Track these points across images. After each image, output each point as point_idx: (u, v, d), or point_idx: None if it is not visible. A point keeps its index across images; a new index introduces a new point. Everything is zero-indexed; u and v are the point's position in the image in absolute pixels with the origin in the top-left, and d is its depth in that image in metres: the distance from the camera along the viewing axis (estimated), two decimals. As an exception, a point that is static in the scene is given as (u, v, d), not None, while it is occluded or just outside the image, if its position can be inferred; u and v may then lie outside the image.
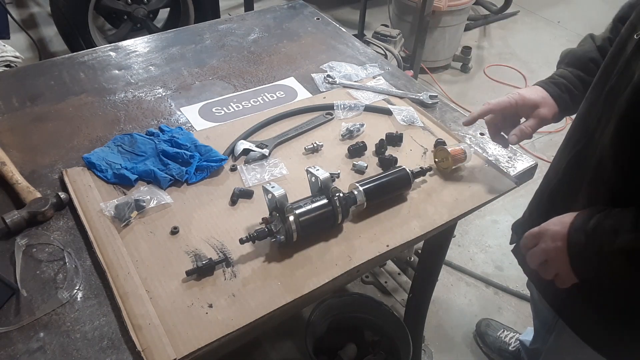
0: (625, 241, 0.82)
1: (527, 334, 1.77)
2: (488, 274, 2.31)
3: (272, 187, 0.99)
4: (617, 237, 0.83)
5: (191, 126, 1.35)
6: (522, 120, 1.13)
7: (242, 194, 1.14)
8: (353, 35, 1.85)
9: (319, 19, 1.89)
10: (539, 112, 1.09)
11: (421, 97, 1.47)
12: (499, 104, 1.11)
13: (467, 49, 3.63)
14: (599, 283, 0.99)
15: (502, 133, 1.18)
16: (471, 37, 4.10)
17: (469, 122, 1.20)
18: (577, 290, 0.98)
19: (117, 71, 1.54)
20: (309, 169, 1.06)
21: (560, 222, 0.93)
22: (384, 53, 2.49)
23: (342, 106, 1.42)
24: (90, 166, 1.18)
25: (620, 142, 0.87)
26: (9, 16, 2.72)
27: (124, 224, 1.05)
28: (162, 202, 1.11)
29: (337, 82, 1.52)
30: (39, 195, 1.09)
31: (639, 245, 0.81)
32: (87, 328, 0.88)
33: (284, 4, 2.00)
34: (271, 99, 1.47)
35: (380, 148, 1.28)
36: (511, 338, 1.96)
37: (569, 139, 1.07)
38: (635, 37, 0.87)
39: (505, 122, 1.15)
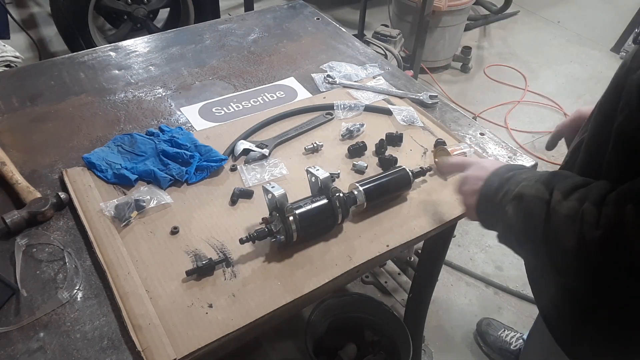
0: (518, 186, 0.85)
1: (528, 334, 1.77)
2: (488, 274, 2.31)
3: (272, 187, 0.99)
4: (519, 185, 0.86)
5: (191, 126, 1.35)
6: None
7: (242, 194, 1.14)
8: (353, 35, 1.85)
9: (319, 19, 1.90)
10: None
11: (421, 97, 1.47)
12: (563, 124, 1.18)
13: (467, 49, 3.63)
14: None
15: None
16: (471, 37, 4.10)
17: (550, 147, 1.24)
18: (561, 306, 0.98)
19: (117, 71, 1.54)
20: (309, 169, 1.06)
21: (492, 162, 0.99)
22: (384, 53, 2.49)
23: (342, 106, 1.42)
24: (90, 166, 1.18)
25: (592, 128, 0.88)
26: (9, 16, 2.72)
27: (124, 224, 1.05)
28: (162, 202, 1.11)
29: (337, 82, 1.52)
30: (39, 195, 1.09)
31: (526, 191, 0.83)
32: (87, 328, 0.88)
33: (284, 4, 2.00)
34: (271, 99, 1.47)
35: (380, 148, 1.28)
36: (512, 337, 1.96)
37: (582, 127, 1.08)
38: None
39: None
